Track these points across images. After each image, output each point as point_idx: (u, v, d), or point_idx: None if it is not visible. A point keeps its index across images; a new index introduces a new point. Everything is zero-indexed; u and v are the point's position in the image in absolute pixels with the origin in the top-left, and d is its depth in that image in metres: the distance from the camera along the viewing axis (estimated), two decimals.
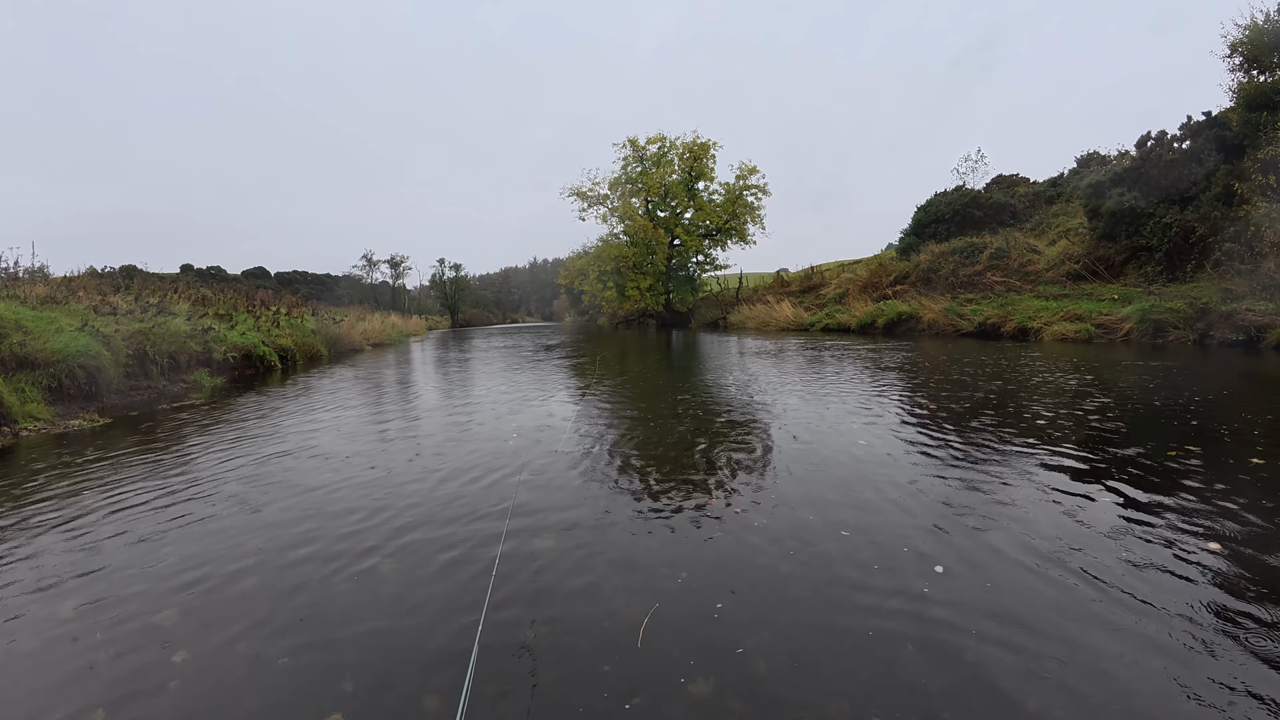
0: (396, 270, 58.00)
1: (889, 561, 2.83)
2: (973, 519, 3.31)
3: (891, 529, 3.21)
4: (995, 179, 28.08)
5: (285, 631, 2.39)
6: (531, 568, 2.86)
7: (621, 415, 6.78)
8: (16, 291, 9.69)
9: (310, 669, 2.16)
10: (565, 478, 4.27)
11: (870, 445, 4.95)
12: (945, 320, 18.75)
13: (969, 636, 2.21)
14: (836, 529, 3.22)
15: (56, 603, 2.68)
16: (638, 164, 37.47)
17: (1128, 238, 17.81)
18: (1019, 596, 2.50)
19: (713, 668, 2.08)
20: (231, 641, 2.33)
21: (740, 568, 2.82)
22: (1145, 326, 14.04)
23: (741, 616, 2.39)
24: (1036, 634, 2.22)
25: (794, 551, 2.96)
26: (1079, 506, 3.46)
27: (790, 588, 2.62)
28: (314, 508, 3.79)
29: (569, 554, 3.00)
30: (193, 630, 2.43)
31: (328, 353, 17.29)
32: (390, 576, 2.82)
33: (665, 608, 2.47)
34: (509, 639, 2.28)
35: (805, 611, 2.43)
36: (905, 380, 8.83)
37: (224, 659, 2.23)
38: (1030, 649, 2.13)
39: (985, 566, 2.76)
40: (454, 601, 2.57)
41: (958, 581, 2.63)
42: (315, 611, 2.53)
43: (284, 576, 2.86)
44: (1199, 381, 7.78)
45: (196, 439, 6.06)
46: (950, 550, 2.93)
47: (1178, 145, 17.83)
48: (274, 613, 2.54)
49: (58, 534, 3.47)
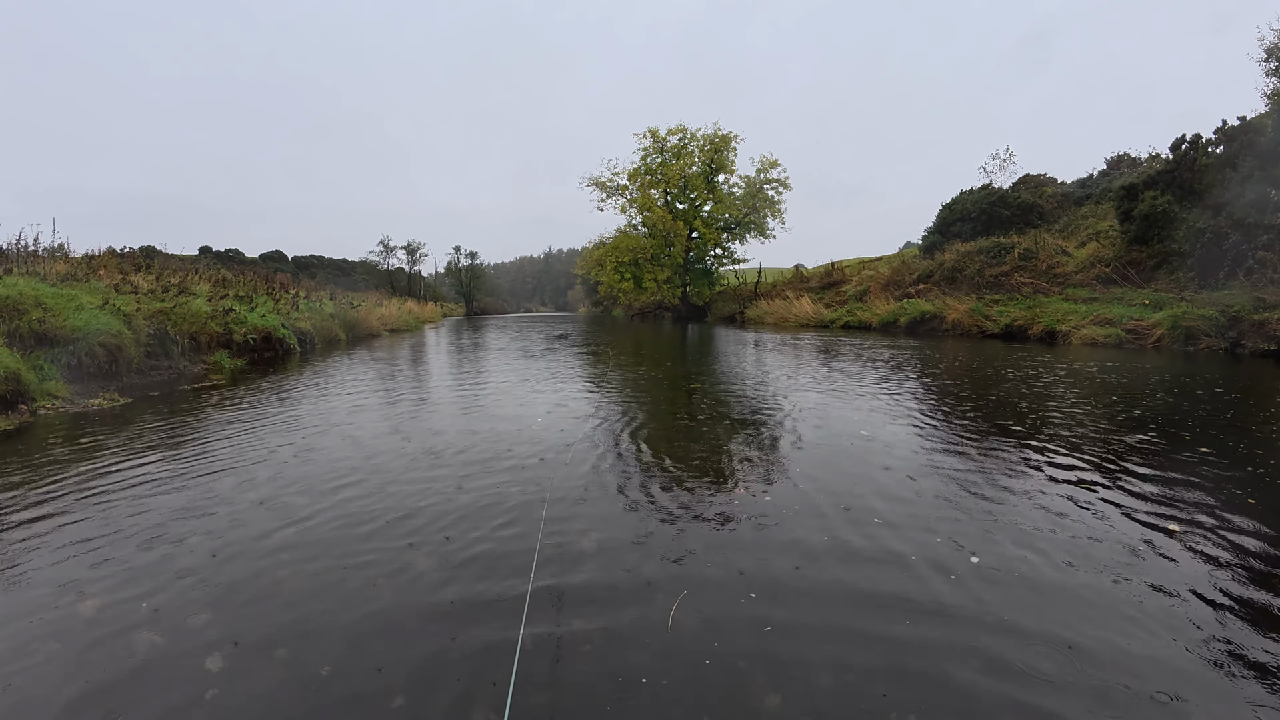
0: (413, 257, 57.93)
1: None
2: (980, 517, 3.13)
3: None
4: (1022, 178, 27.53)
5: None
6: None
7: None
8: (37, 268, 9.68)
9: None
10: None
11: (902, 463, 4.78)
12: (970, 321, 18.41)
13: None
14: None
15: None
16: (658, 155, 37.14)
17: (1159, 242, 17.36)
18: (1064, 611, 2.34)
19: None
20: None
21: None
22: (1177, 333, 13.67)
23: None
24: (1098, 664, 2.06)
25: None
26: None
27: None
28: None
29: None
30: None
31: (346, 337, 17.29)
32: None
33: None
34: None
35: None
36: (959, 388, 8.61)
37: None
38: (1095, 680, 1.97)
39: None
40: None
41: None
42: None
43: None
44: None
45: (223, 421, 5.99)
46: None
47: (1212, 150, 17.38)
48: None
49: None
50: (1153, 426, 5.53)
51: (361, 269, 57.31)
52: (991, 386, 8.00)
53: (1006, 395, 7.30)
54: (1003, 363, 10.78)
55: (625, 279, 36.80)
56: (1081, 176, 26.18)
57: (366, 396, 7.52)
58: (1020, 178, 27.55)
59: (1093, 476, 4.08)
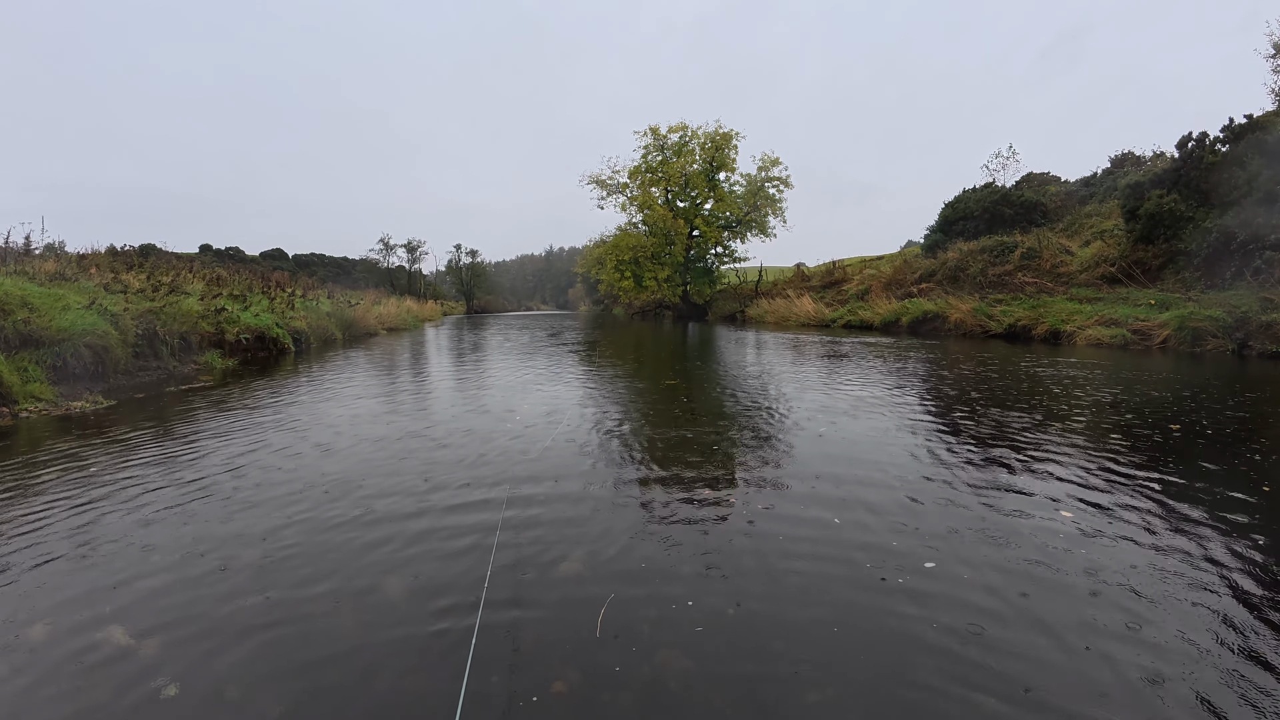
0: (413, 255, 57.65)
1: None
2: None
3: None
4: (1025, 177, 27.31)
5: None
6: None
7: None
8: (25, 267, 9.53)
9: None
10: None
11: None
12: (973, 321, 18.21)
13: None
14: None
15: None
16: (658, 153, 36.91)
17: (1165, 241, 17.14)
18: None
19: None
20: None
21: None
22: (1184, 334, 13.47)
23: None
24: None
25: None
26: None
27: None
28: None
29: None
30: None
31: (342, 336, 17.14)
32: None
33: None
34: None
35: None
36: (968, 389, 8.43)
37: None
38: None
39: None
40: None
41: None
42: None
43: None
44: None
45: (209, 429, 5.83)
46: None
47: (1219, 148, 17.15)
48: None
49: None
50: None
51: (362, 267, 57.17)
52: (1026, 395, 7.82)
53: (1052, 407, 7.13)
54: (1014, 367, 10.60)
55: (625, 277, 36.60)
56: (1085, 175, 25.96)
57: (349, 404, 7.37)
58: (1024, 176, 27.34)
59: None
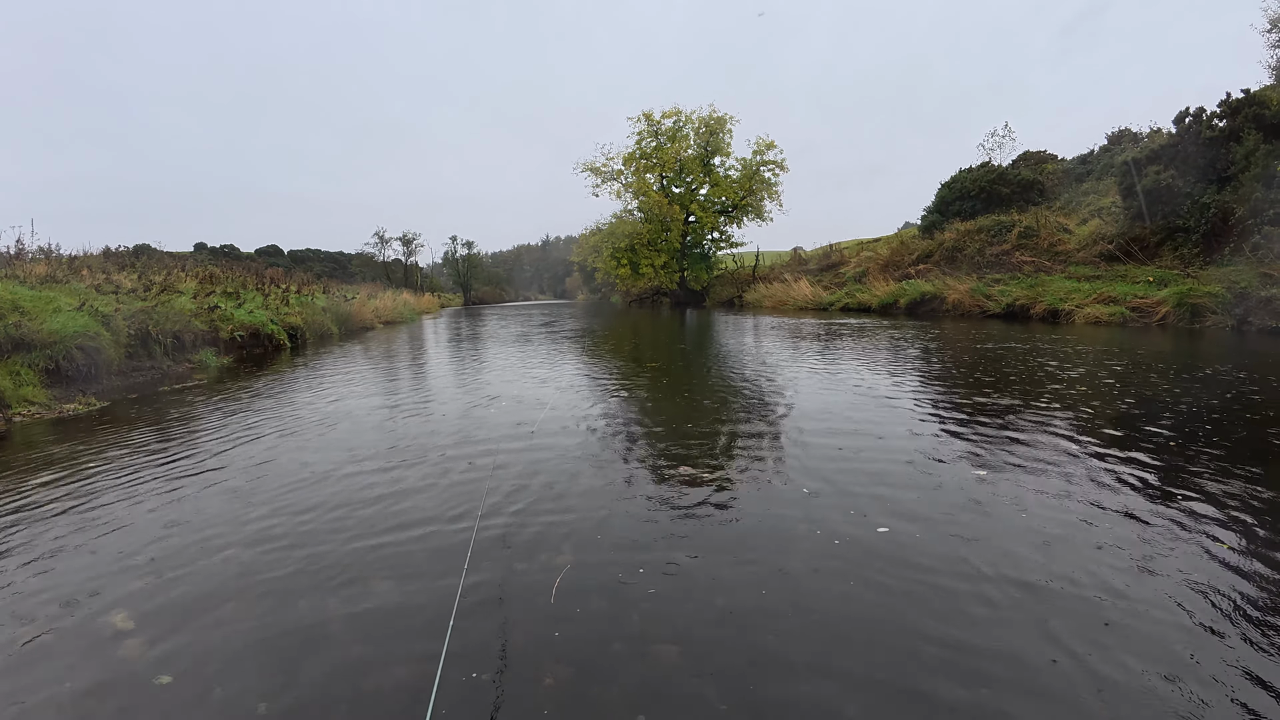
0: (409, 248, 57.36)
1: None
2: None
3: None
4: (1022, 155, 27.13)
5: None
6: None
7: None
8: (16, 271, 9.46)
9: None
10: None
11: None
12: (971, 301, 18.16)
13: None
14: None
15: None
16: (652, 138, 36.59)
17: (1163, 218, 17.04)
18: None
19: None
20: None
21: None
22: (1183, 311, 13.44)
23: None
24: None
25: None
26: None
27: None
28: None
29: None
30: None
31: (338, 330, 17.08)
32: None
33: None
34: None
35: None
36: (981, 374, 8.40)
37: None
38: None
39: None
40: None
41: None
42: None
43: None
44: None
45: (212, 424, 5.80)
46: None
47: (1216, 123, 17.00)
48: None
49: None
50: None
51: (358, 261, 57.00)
52: (1031, 379, 7.78)
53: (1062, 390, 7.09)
54: (1017, 347, 10.56)
55: (622, 265, 36.47)
56: (1083, 152, 25.81)
57: (339, 401, 7.34)
58: (1020, 154, 27.16)
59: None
